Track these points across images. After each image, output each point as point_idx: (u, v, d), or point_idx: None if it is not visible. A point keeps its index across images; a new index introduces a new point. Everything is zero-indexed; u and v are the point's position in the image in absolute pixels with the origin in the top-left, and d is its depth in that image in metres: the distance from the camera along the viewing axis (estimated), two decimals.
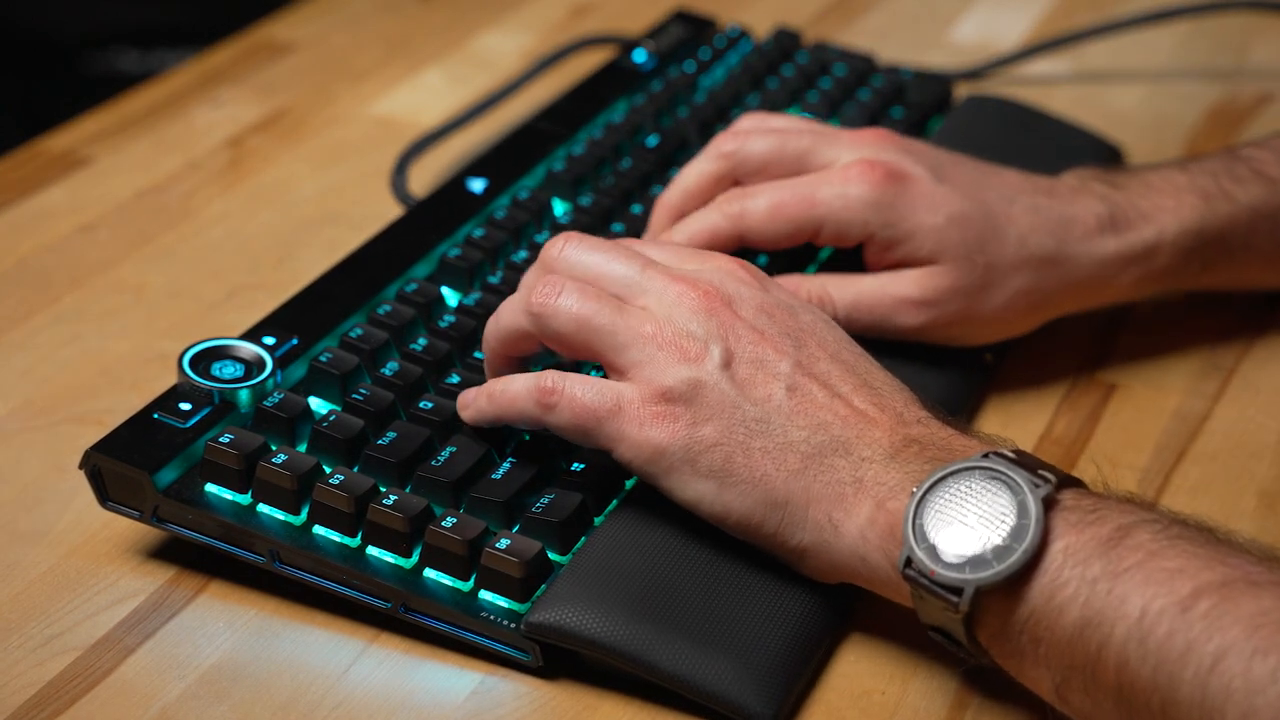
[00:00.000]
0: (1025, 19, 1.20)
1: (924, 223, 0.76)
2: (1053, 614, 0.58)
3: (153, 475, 0.68)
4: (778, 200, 0.77)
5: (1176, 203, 0.80)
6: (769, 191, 0.78)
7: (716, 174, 0.81)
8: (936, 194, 0.77)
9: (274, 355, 0.73)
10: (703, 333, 0.66)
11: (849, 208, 0.77)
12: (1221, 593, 0.55)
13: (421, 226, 0.84)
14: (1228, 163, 0.83)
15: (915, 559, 0.60)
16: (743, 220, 0.77)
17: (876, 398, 0.66)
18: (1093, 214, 0.79)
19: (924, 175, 0.77)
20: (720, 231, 0.78)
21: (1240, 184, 0.81)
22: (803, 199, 0.77)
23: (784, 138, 0.80)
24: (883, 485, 0.63)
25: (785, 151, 0.80)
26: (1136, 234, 0.79)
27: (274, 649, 0.67)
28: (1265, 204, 0.81)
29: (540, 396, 0.67)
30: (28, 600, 0.69)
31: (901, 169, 0.77)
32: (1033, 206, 0.78)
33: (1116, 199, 0.80)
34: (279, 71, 1.12)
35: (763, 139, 0.80)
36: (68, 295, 0.88)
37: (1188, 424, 0.80)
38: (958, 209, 0.77)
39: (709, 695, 0.63)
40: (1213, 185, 0.81)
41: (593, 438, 0.67)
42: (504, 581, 0.65)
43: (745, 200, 0.78)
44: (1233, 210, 0.81)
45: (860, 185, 0.77)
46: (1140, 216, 0.80)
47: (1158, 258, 0.80)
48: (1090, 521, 0.59)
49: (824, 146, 0.79)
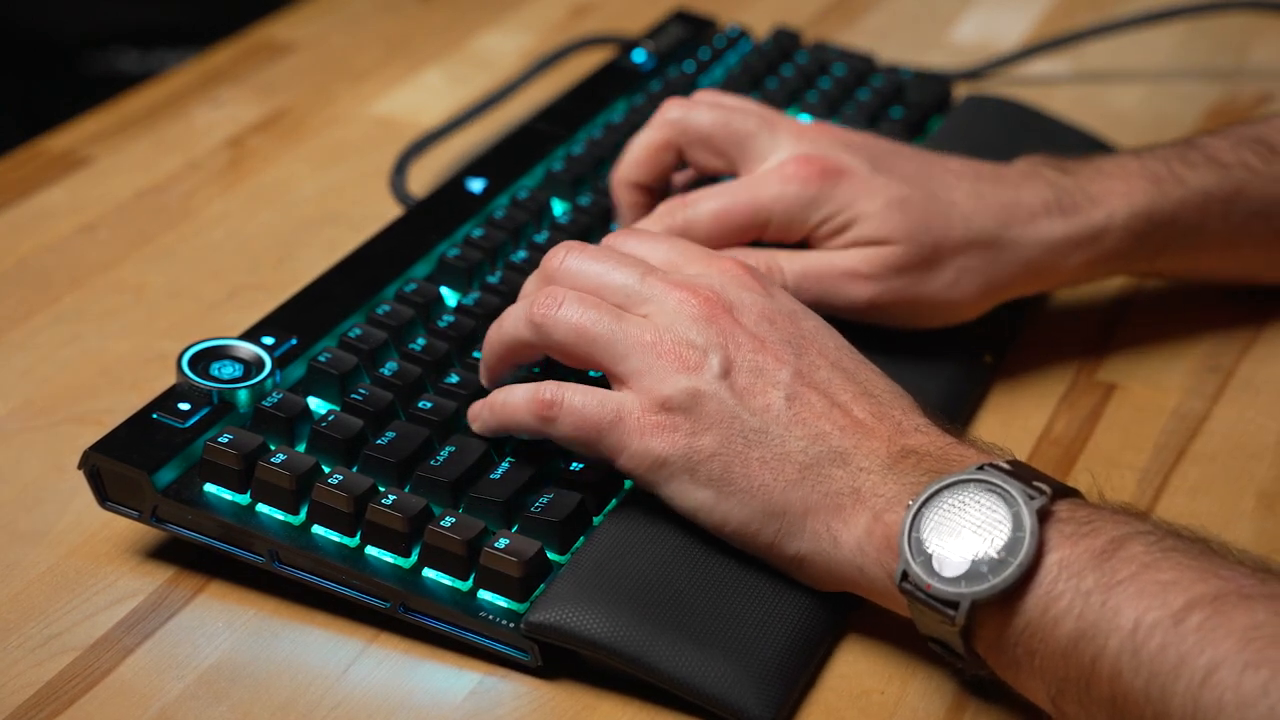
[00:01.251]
0: (1025, 19, 1.20)
1: (864, 209, 0.77)
2: (1047, 626, 0.58)
3: (152, 475, 0.68)
4: (719, 208, 0.78)
5: (1127, 186, 0.80)
6: (709, 200, 0.78)
7: (662, 141, 0.81)
8: (874, 183, 0.78)
9: (273, 355, 0.73)
10: (702, 341, 0.66)
11: (789, 208, 0.77)
12: (1214, 606, 0.55)
13: (421, 226, 0.84)
14: (1181, 149, 0.83)
15: (911, 572, 0.60)
16: (688, 232, 0.78)
17: (876, 406, 0.66)
18: (1039, 198, 0.79)
19: (860, 166, 0.78)
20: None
21: (1193, 169, 0.81)
22: (743, 204, 0.78)
23: (729, 114, 0.81)
24: (880, 497, 0.63)
25: (730, 128, 0.80)
26: (1084, 217, 0.79)
27: (273, 649, 0.67)
28: (1218, 188, 0.81)
29: (539, 409, 0.67)
30: (27, 600, 0.69)
31: (837, 163, 0.78)
32: (975, 192, 0.79)
33: (1065, 184, 0.80)
34: (279, 71, 1.12)
35: (709, 111, 0.81)
36: (68, 295, 0.88)
37: (1187, 424, 0.80)
38: (896, 194, 0.77)
39: (708, 696, 0.63)
40: (1164, 170, 0.81)
41: (594, 448, 0.67)
42: (503, 581, 0.65)
43: (687, 211, 0.78)
44: (1184, 194, 0.81)
45: (796, 183, 0.77)
46: (1088, 200, 0.80)
47: (1106, 240, 0.80)
48: (1084, 534, 0.59)
49: (766, 134, 0.80)
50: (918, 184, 0.78)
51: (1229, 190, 0.81)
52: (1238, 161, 0.82)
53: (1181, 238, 0.81)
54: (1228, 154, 0.82)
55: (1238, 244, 0.83)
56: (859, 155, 0.79)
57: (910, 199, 0.77)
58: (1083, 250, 0.80)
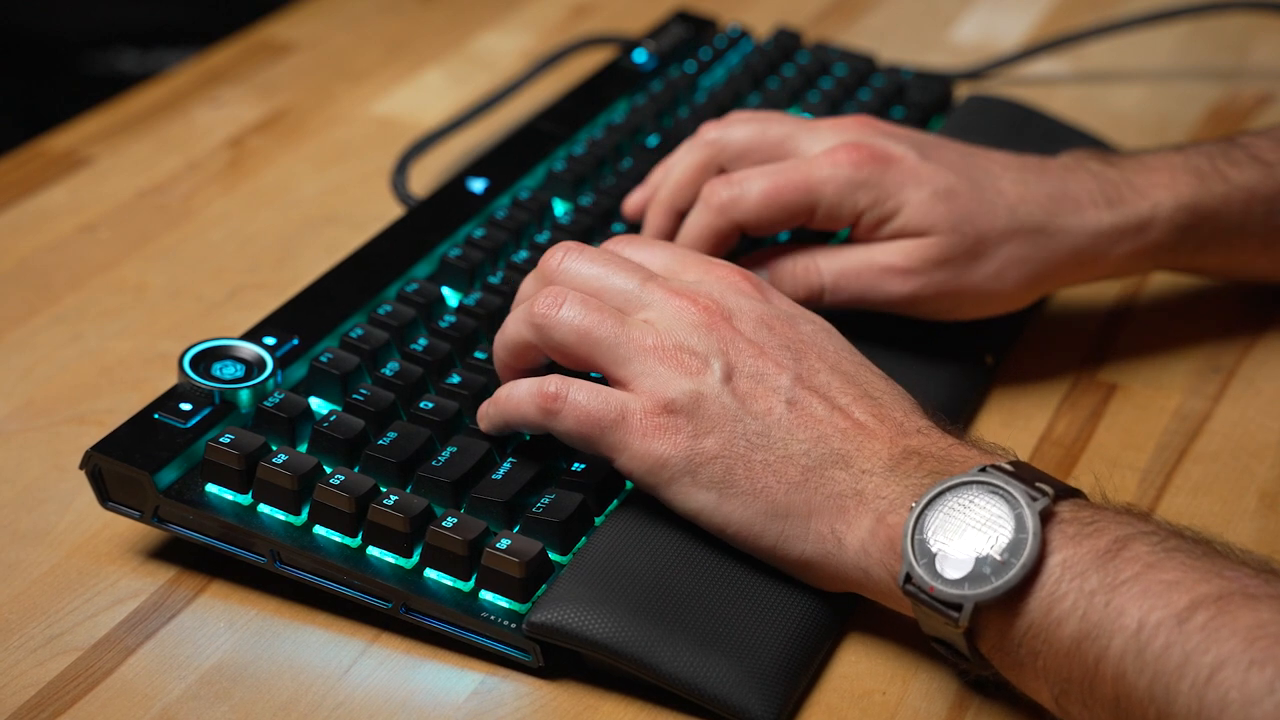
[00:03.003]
0: (1025, 19, 1.20)
1: (910, 198, 0.77)
2: (1051, 627, 0.58)
3: (153, 475, 0.68)
4: (770, 186, 0.77)
5: (1172, 179, 0.80)
6: (758, 178, 0.77)
7: (702, 162, 0.81)
8: (922, 170, 0.77)
9: (274, 355, 0.73)
10: (703, 348, 0.66)
11: (839, 190, 0.77)
12: (1218, 605, 0.55)
13: (422, 226, 0.84)
14: (1224, 147, 0.83)
15: (915, 575, 0.60)
16: (736, 209, 0.77)
17: (877, 408, 0.66)
18: (1084, 189, 0.79)
19: (909, 153, 0.78)
20: (718, 230, 0.78)
21: (1236, 166, 0.81)
22: (796, 184, 0.77)
23: (765, 124, 0.81)
24: (883, 499, 0.63)
25: (767, 136, 0.80)
26: (1130, 208, 0.79)
27: (274, 649, 0.67)
28: (1261, 186, 0.81)
29: (543, 402, 0.67)
30: (28, 600, 0.69)
31: (886, 149, 0.78)
32: (1021, 180, 0.79)
33: (1110, 175, 0.80)
34: (279, 71, 1.12)
35: (744, 125, 0.81)
36: (68, 295, 0.88)
37: (1188, 424, 0.80)
38: (944, 183, 0.77)
39: (709, 696, 0.63)
40: (1208, 165, 0.81)
41: (595, 445, 0.67)
42: (504, 581, 0.65)
43: (733, 188, 0.77)
44: (1227, 190, 0.81)
45: (848, 166, 0.77)
46: (1134, 191, 0.80)
47: (1151, 232, 0.80)
48: (1088, 534, 0.59)
49: (804, 133, 0.80)
50: (963, 173, 0.78)
51: (1272, 189, 0.81)
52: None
53: (1224, 234, 0.81)
54: (1271, 153, 0.82)
55: (1278, 242, 0.83)
56: (905, 142, 0.79)
57: (956, 188, 0.77)
58: (1129, 241, 0.79)
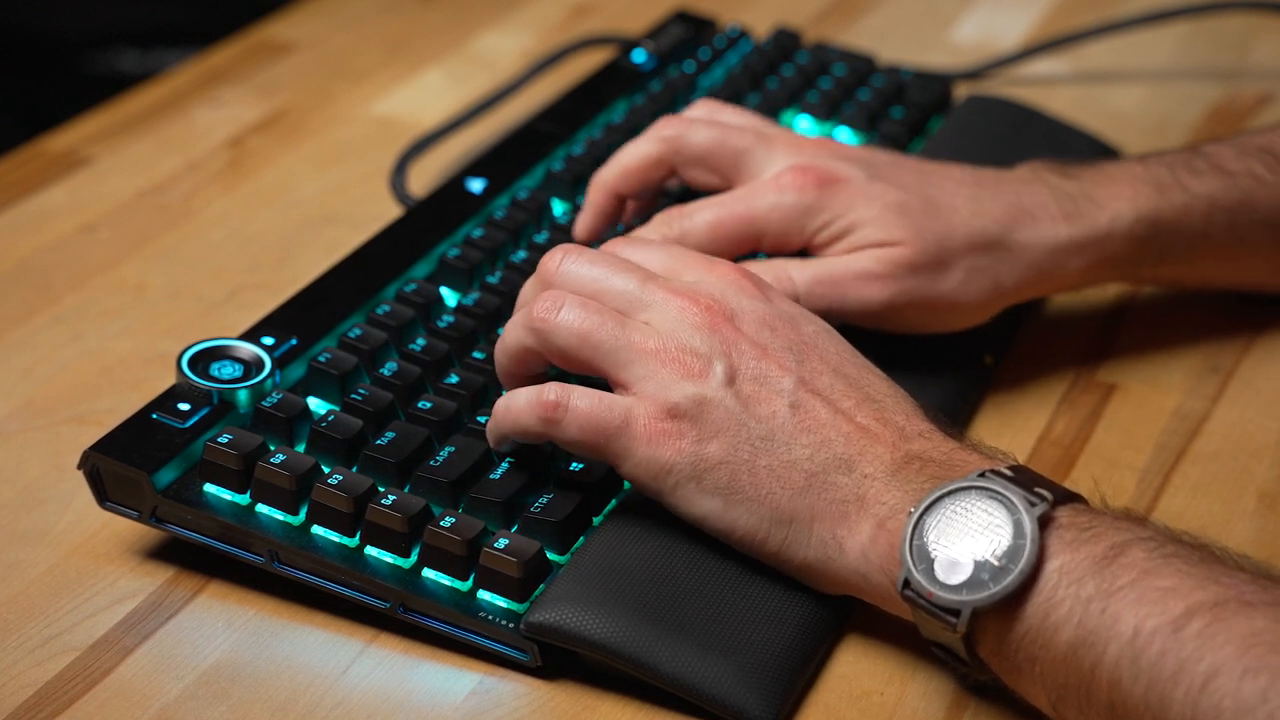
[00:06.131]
0: (1025, 19, 1.20)
1: (863, 214, 0.77)
2: (1048, 633, 0.58)
3: (152, 475, 0.68)
4: (715, 219, 0.77)
5: (1131, 191, 0.80)
6: (704, 211, 0.78)
7: (656, 156, 0.81)
8: (871, 189, 0.77)
9: (273, 355, 0.73)
10: (706, 349, 0.66)
11: (785, 217, 0.77)
12: (1214, 612, 0.55)
13: (421, 226, 0.84)
14: (1187, 156, 0.83)
15: (913, 580, 0.60)
16: (684, 243, 0.77)
17: (879, 412, 0.66)
18: (1040, 202, 0.79)
19: (857, 174, 0.78)
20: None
21: (1197, 176, 0.81)
22: (739, 215, 0.77)
23: (726, 132, 0.80)
24: (883, 504, 0.63)
25: (725, 146, 0.80)
26: (1088, 221, 0.79)
27: (273, 649, 0.67)
28: (1222, 196, 0.81)
29: (544, 411, 0.66)
30: (27, 600, 0.69)
31: (832, 172, 0.78)
32: (976, 197, 0.79)
33: (1068, 188, 0.80)
34: (279, 71, 1.12)
35: (705, 129, 0.81)
36: (68, 295, 0.88)
37: (1187, 424, 0.80)
38: (894, 199, 0.77)
39: (707, 697, 0.63)
40: (1169, 176, 0.81)
41: (599, 452, 0.66)
42: (503, 581, 0.65)
43: (683, 222, 0.78)
44: (1188, 201, 0.81)
45: (792, 193, 0.77)
46: (1093, 204, 0.80)
47: (1109, 244, 0.80)
48: (1085, 540, 0.59)
49: (762, 149, 0.80)
50: (916, 191, 0.78)
51: (1235, 199, 0.81)
52: (1244, 170, 0.82)
53: (1185, 245, 0.81)
54: (1234, 162, 0.82)
55: (1241, 252, 0.83)
56: (855, 164, 0.78)
57: (908, 204, 0.77)
58: (1086, 254, 0.79)
